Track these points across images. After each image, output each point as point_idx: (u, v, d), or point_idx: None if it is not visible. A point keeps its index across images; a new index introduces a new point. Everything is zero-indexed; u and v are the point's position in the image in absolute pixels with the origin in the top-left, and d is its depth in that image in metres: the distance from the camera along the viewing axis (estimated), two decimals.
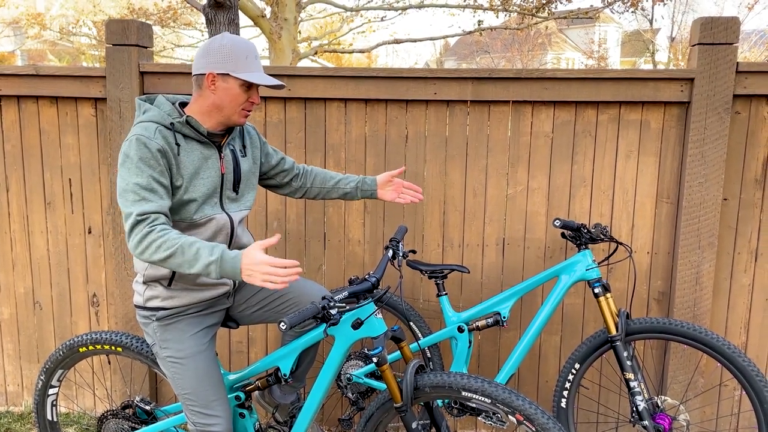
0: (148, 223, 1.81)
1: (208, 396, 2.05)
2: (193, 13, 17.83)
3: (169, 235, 1.79)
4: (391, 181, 2.42)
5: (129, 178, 1.84)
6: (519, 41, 27.35)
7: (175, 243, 1.77)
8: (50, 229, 3.10)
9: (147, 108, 1.99)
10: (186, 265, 1.77)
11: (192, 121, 1.94)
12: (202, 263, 1.75)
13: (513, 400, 1.84)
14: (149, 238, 1.79)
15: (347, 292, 1.91)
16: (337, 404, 3.12)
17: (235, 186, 2.08)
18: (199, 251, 1.75)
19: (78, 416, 3.20)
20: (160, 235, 1.79)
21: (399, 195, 2.42)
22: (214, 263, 1.74)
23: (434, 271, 2.68)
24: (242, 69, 1.93)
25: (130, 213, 1.82)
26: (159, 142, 1.87)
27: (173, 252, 1.76)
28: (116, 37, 2.83)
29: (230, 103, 1.96)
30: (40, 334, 3.20)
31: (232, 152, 2.08)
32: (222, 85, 1.95)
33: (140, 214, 1.81)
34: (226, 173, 2.05)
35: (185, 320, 2.05)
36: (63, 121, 3.02)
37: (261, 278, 1.70)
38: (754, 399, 2.38)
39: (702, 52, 2.68)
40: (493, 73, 2.77)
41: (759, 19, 65.67)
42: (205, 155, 1.99)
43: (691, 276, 2.80)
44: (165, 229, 1.81)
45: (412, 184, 2.44)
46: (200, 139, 1.98)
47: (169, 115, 1.95)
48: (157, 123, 1.92)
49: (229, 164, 2.06)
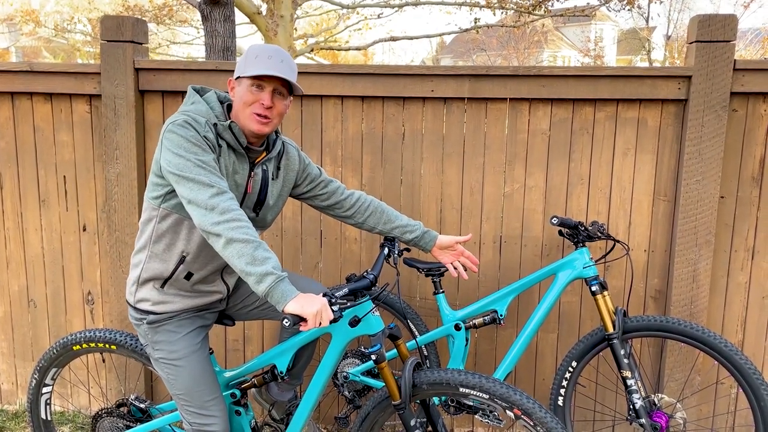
0: (230, 198, 1.75)
1: (203, 396, 2.03)
2: (188, 10, 17.76)
3: (250, 224, 1.74)
4: (453, 247, 2.36)
5: (191, 155, 1.76)
6: (515, 39, 27.36)
7: (255, 237, 1.72)
8: (44, 226, 3.08)
9: (196, 100, 1.92)
10: (246, 259, 1.68)
11: (235, 128, 1.88)
12: (263, 270, 1.68)
13: (510, 395, 1.84)
14: (235, 213, 1.72)
15: (347, 289, 1.90)
16: (333, 402, 3.11)
17: (256, 207, 2.02)
18: (268, 260, 1.70)
19: (73, 415, 3.18)
20: (246, 220, 1.73)
21: (454, 261, 2.36)
22: (273, 276, 1.69)
23: (431, 269, 2.68)
24: (250, 68, 1.87)
25: (210, 184, 1.73)
26: (211, 136, 1.83)
27: (249, 240, 1.69)
28: (111, 34, 2.81)
29: (242, 107, 1.89)
30: (35, 332, 3.18)
31: (263, 172, 2.01)
32: (237, 90, 1.91)
33: (223, 188, 1.74)
34: (251, 193, 1.99)
35: (176, 322, 2.02)
36: (57, 117, 2.99)
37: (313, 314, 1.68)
38: (751, 397, 2.38)
39: (699, 50, 2.67)
40: (490, 71, 2.76)
41: (755, 17, 65.89)
42: (236, 167, 1.93)
43: (688, 274, 2.79)
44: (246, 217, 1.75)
45: (472, 256, 2.38)
46: (237, 149, 1.91)
47: (216, 117, 1.90)
48: (205, 118, 1.86)
49: (256, 184, 1.99)
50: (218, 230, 1.70)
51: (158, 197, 1.90)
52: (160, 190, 1.89)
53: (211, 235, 1.72)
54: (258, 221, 2.06)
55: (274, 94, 1.90)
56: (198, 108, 1.89)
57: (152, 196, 1.91)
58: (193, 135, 1.79)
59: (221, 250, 1.71)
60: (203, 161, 1.77)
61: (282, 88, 1.91)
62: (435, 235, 2.32)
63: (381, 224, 2.28)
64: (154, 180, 1.90)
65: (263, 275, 1.68)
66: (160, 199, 1.90)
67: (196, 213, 1.74)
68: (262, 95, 1.88)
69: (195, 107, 1.89)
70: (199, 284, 2.01)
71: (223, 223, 1.70)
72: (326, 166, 2.92)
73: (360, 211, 2.26)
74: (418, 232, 2.30)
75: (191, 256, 1.94)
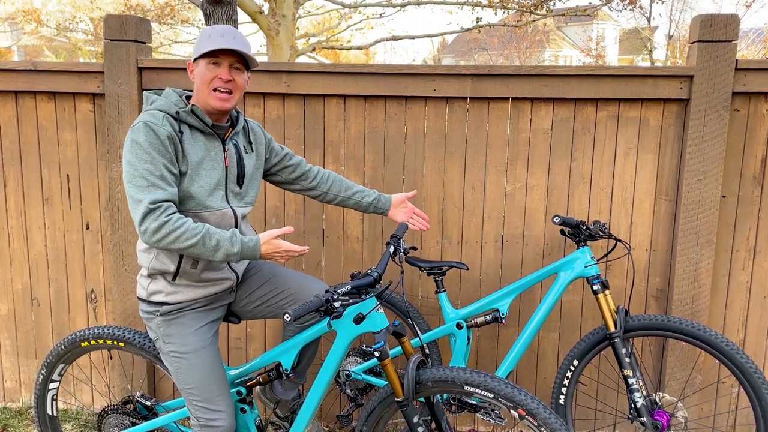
0: (162, 212, 1.82)
1: (212, 391, 2.05)
2: (190, 10, 17.78)
3: (187, 224, 1.83)
4: (405, 203, 2.47)
5: (138, 164, 1.84)
6: (517, 38, 27.36)
7: (197, 233, 1.83)
8: (48, 225, 3.09)
9: (154, 99, 2.00)
10: (207, 254, 1.86)
11: (197, 111, 1.96)
12: (223, 253, 1.86)
13: (515, 395, 1.85)
14: (168, 227, 1.81)
15: (350, 286, 1.91)
16: (335, 401, 3.12)
17: (239, 181, 2.09)
18: (220, 243, 1.86)
19: (76, 412, 3.20)
20: (179, 224, 1.82)
21: (409, 219, 2.47)
22: (236, 255, 1.88)
23: (433, 268, 2.68)
24: (205, 47, 1.94)
25: (140, 200, 1.82)
26: (167, 129, 1.89)
27: (195, 242, 1.83)
28: (114, 33, 2.82)
29: (202, 86, 1.97)
30: (38, 330, 3.19)
31: (235, 147, 2.09)
32: (196, 72, 1.99)
33: (153, 202, 1.81)
34: (230, 166, 2.06)
35: (189, 315, 2.05)
36: (61, 116, 3.00)
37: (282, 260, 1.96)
38: (752, 396, 2.39)
39: (701, 49, 2.68)
40: (492, 70, 2.77)
41: (756, 17, 65.81)
42: (208, 147, 2.00)
43: (689, 273, 2.80)
44: (182, 218, 1.84)
45: (422, 213, 2.50)
46: (204, 130, 1.99)
47: (176, 105, 1.97)
48: (163, 111, 1.93)
49: (232, 158, 2.07)
50: (165, 246, 1.84)
51: None
52: None
53: (168, 251, 1.91)
54: (242, 194, 2.12)
55: (231, 68, 1.97)
56: (157, 104, 1.96)
57: None
58: (149, 140, 1.86)
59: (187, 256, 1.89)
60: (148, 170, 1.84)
61: (238, 63, 1.98)
62: (389, 196, 2.46)
63: (342, 191, 2.40)
64: None
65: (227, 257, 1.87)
66: None
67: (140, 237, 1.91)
68: (220, 70, 1.95)
69: (155, 104, 1.97)
70: (208, 272, 2.05)
71: (163, 239, 1.83)
72: (328, 165, 2.93)
73: (323, 181, 2.39)
74: (375, 195, 2.43)
75: None
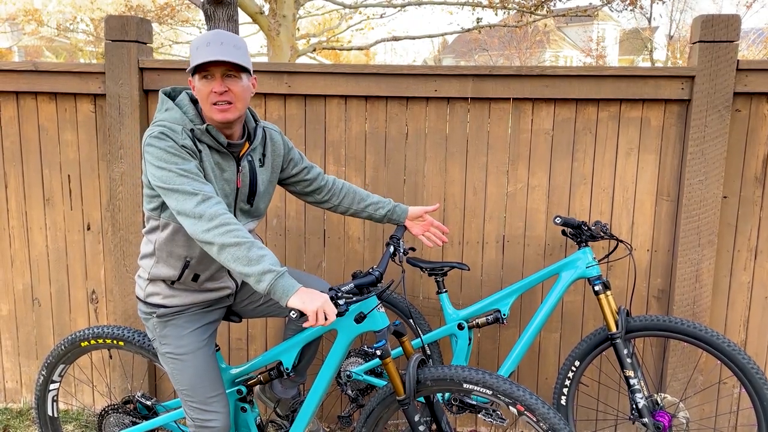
0: (216, 203, 1.76)
1: (206, 392, 2.05)
2: (191, 10, 17.79)
3: (240, 226, 1.75)
4: (422, 217, 2.39)
5: (172, 165, 1.77)
6: (517, 39, 27.36)
7: (247, 237, 1.72)
8: (49, 225, 3.09)
9: (169, 106, 1.91)
10: (242, 262, 1.70)
11: (212, 131, 1.88)
12: (261, 268, 1.69)
13: (513, 391, 1.85)
14: (223, 218, 1.73)
15: (353, 284, 1.91)
16: (336, 402, 3.12)
17: (250, 199, 2.04)
18: (264, 258, 1.71)
19: (77, 413, 3.19)
20: (235, 222, 1.74)
21: (425, 232, 2.39)
22: (272, 273, 1.70)
23: (434, 269, 2.68)
24: (193, 62, 1.84)
25: (194, 192, 1.75)
26: (189, 143, 1.83)
27: (241, 242, 1.71)
28: (115, 33, 2.82)
29: (202, 101, 1.88)
30: (39, 330, 3.19)
31: (249, 163, 2.01)
32: (195, 88, 1.89)
33: (207, 194, 1.76)
34: (242, 187, 2.00)
35: (185, 317, 2.05)
36: (62, 117, 3.00)
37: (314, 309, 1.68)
38: (754, 396, 2.38)
39: (703, 50, 2.68)
40: (493, 70, 2.77)
41: (757, 17, 65.82)
42: (222, 166, 1.93)
43: (690, 273, 2.80)
44: (235, 219, 1.76)
45: (442, 225, 2.42)
46: (219, 149, 1.92)
47: (191, 121, 1.89)
48: (181, 126, 1.86)
49: (245, 177, 2.00)
50: (209, 238, 1.72)
51: (156, 208, 1.93)
52: (156, 201, 1.92)
53: (204, 243, 1.74)
54: (252, 212, 2.08)
55: (224, 78, 1.85)
56: (172, 116, 1.88)
57: (150, 207, 1.95)
58: (171, 145, 1.80)
59: (216, 256, 1.73)
60: (185, 170, 1.78)
61: (231, 71, 1.86)
62: (405, 207, 2.37)
63: (355, 204, 2.32)
64: (147, 192, 1.93)
65: (262, 274, 1.69)
66: (159, 210, 1.93)
67: (186, 223, 1.76)
68: (213, 84, 1.84)
69: (169, 115, 1.88)
70: (208, 282, 2.04)
71: (212, 230, 1.71)
72: (329, 166, 2.93)
73: (336, 194, 2.31)
74: (390, 206, 2.35)
75: (195, 260, 1.98)
